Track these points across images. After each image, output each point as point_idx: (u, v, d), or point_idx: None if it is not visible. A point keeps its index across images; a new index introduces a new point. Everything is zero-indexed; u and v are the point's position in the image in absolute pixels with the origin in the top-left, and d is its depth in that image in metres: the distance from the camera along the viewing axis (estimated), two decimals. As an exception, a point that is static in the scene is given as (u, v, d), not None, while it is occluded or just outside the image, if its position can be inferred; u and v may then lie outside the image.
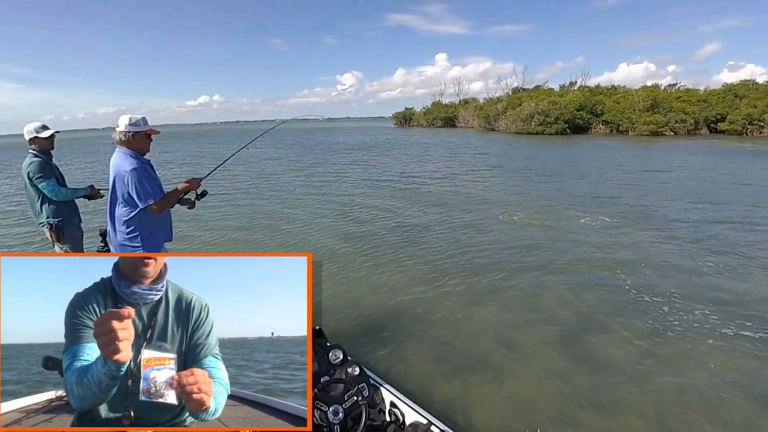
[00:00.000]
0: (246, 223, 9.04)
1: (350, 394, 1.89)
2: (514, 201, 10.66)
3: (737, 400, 3.23)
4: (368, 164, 19.46)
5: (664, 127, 35.87)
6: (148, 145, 2.87)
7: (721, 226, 7.99)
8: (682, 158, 19.70)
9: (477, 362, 3.77)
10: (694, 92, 42.21)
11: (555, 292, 5.20)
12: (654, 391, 3.36)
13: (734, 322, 4.38)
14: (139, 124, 2.76)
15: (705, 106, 37.99)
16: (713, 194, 11.05)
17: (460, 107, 61.40)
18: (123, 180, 2.69)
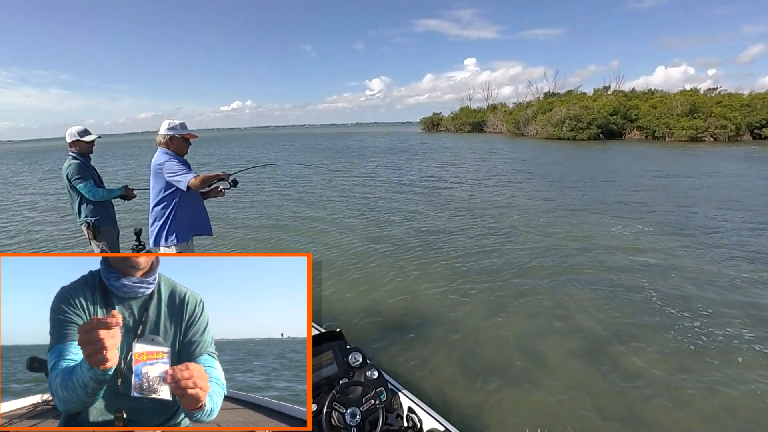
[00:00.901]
0: (274, 222, 9.23)
1: (368, 398, 1.90)
2: (543, 207, 10.46)
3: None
4: (395, 168, 19.50)
5: (704, 132, 34.34)
6: (186, 148, 3.17)
7: (760, 237, 7.60)
8: (722, 165, 18.81)
9: (498, 370, 3.72)
10: (737, 97, 40.21)
11: (582, 301, 5.07)
12: (684, 409, 3.23)
13: None
14: (176, 128, 3.06)
15: (748, 111, 36.12)
16: (753, 204, 10.51)
17: (489, 112, 60.67)
18: (159, 173, 2.98)
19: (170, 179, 2.96)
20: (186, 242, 3.16)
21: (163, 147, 3.07)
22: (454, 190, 13.42)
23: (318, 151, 33.81)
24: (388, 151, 32.03)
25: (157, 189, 3.04)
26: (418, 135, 61.55)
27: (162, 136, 3.05)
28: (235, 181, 3.37)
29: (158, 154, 3.05)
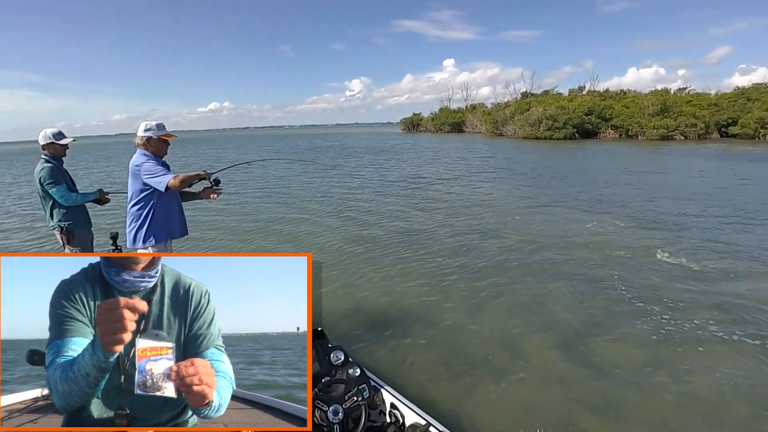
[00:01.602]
0: (253, 224, 9.15)
1: (350, 395, 1.91)
2: (520, 205, 10.66)
3: (740, 407, 3.22)
4: (376, 168, 19.55)
5: (675, 131, 35.51)
6: (165, 149, 3.14)
7: (727, 230, 7.91)
8: (692, 163, 19.49)
9: (479, 365, 3.79)
10: (705, 96, 41.74)
11: (558, 297, 5.20)
12: (657, 396, 3.35)
13: (737, 327, 4.35)
14: (153, 129, 3.04)
15: (716, 110, 37.52)
16: (720, 199, 10.94)
17: (468, 113, 61.31)
18: (137, 174, 2.96)
19: (148, 180, 2.93)
20: (164, 243, 3.13)
21: (141, 148, 3.05)
22: (434, 189, 13.54)
23: (300, 152, 33.62)
24: (369, 151, 32.07)
25: (135, 190, 3.01)
26: (399, 135, 61.77)
27: (139, 137, 3.03)
28: (216, 180, 3.33)
29: (136, 156, 3.03)
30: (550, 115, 39.08)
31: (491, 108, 56.53)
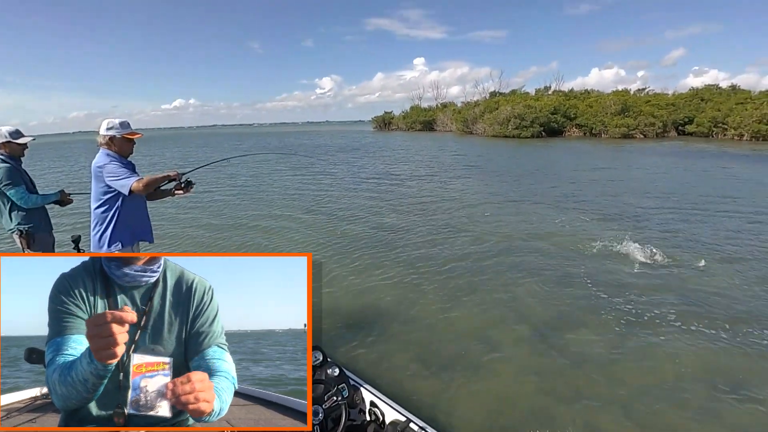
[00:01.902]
0: (226, 221, 8.97)
1: (330, 395, 1.91)
2: (491, 201, 10.89)
3: (699, 388, 3.43)
4: (349, 166, 19.50)
5: (635, 129, 37.04)
6: (130, 148, 3.00)
7: (683, 223, 8.35)
8: (651, 160, 20.42)
9: (455, 360, 3.87)
10: (663, 96, 43.74)
11: (529, 291, 5.36)
12: (623, 383, 3.52)
13: (695, 315, 4.61)
14: (117, 128, 2.89)
15: (673, 109, 39.39)
16: (677, 193, 11.51)
17: (439, 111, 61.93)
18: (100, 176, 2.82)
19: (111, 183, 2.80)
20: (130, 247, 3.02)
21: (104, 148, 2.91)
22: (406, 186, 13.64)
23: (272, 150, 33.08)
24: (341, 149, 31.94)
25: (98, 192, 2.87)
26: (371, 134, 61.76)
27: (102, 136, 2.89)
28: (188, 182, 3.20)
29: (99, 156, 2.90)
30: (518, 114, 39.97)
31: (461, 107, 57.33)
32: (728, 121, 34.78)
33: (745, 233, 7.66)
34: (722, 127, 35.40)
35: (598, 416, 3.14)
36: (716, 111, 36.43)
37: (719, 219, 8.71)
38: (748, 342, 4.08)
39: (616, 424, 3.05)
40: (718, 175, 15.14)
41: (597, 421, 3.08)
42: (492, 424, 3.07)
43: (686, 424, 3.05)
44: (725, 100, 38.04)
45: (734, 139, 33.80)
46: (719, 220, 8.59)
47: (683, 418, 3.11)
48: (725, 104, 36.81)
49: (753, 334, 4.21)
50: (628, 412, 3.17)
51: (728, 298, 5.01)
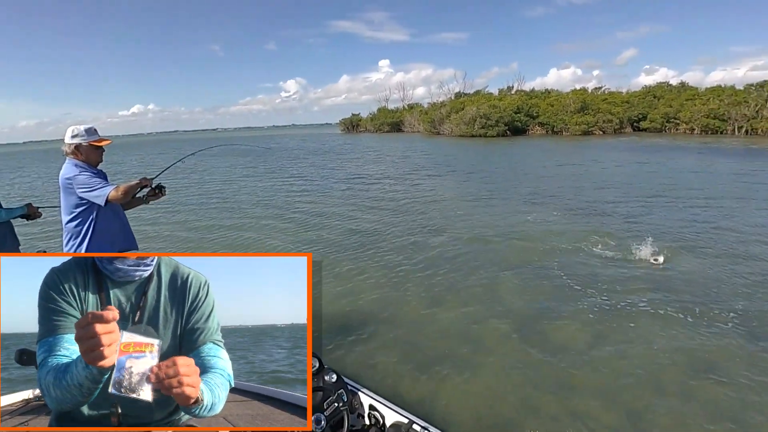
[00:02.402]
0: (195, 232, 8.74)
1: (330, 401, 1.90)
2: (463, 200, 11.08)
3: (671, 371, 3.62)
4: (320, 169, 19.35)
5: (594, 126, 38.59)
6: (98, 156, 2.82)
7: (646, 215, 8.78)
8: (610, 155, 21.31)
9: (443, 359, 3.92)
10: (618, 94, 45.73)
11: (508, 285, 5.49)
12: (604, 370, 3.66)
13: (663, 301, 4.85)
14: (82, 135, 2.73)
15: (628, 106, 41.26)
16: (637, 186, 12.08)
17: (406, 112, 62.43)
18: (70, 188, 2.67)
19: (85, 195, 2.65)
20: None
21: (70, 158, 2.74)
22: (378, 188, 13.69)
23: (238, 155, 32.38)
24: (311, 152, 31.67)
25: (69, 205, 2.71)
26: (339, 136, 61.52)
27: (67, 145, 2.71)
28: (160, 187, 3.09)
29: (66, 167, 2.72)
30: (483, 114, 40.83)
31: (428, 108, 58.01)
32: (680, 117, 36.77)
33: (702, 221, 8.12)
34: (674, 123, 37.39)
35: (584, 404, 3.25)
36: (668, 107, 38.45)
37: (678, 208, 9.21)
38: (715, 325, 4.33)
39: (601, 411, 3.16)
40: (673, 167, 15.98)
41: (583, 409, 3.19)
42: (485, 419, 3.13)
43: (665, 406, 3.20)
44: (676, 96, 40.19)
45: (686, 133, 35.75)
46: (678, 210, 9.08)
47: (662, 400, 3.26)
48: (676, 101, 38.90)
49: (718, 317, 4.47)
50: (611, 398, 3.30)
51: (692, 284, 5.30)
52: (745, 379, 3.47)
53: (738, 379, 3.47)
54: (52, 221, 9.19)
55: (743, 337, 4.09)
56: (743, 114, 32.55)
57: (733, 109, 33.13)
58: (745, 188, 11.45)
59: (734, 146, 24.09)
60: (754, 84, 35.54)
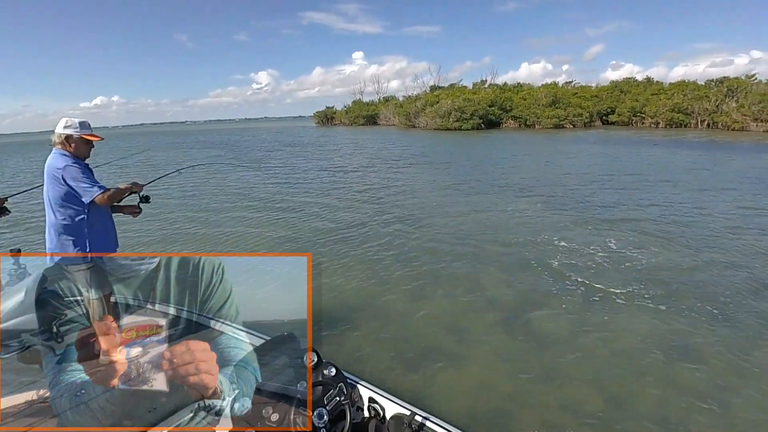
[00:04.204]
0: (175, 231, 8.48)
1: (331, 395, 1.87)
2: (442, 193, 11.15)
3: (653, 356, 3.76)
4: (296, 163, 19.09)
5: (565, 120, 39.50)
6: (87, 151, 2.76)
7: (618, 205, 9.07)
8: (581, 147, 21.89)
9: (434, 351, 3.95)
10: (588, 88, 46.98)
11: (491, 276, 5.58)
12: (587, 356, 3.77)
13: (642, 290, 5.03)
14: (75, 127, 2.67)
15: (597, 101, 42.47)
16: (611, 178, 12.45)
17: (381, 105, 62.30)
18: (58, 179, 2.56)
19: (75, 186, 2.57)
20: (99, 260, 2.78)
21: (58, 148, 2.66)
22: (357, 182, 13.61)
23: (213, 147, 31.59)
24: (286, 146, 31.17)
25: (57, 197, 2.58)
26: (314, 129, 60.83)
27: (58, 135, 2.66)
28: (146, 197, 3.01)
29: (55, 157, 2.63)
30: (458, 107, 41.17)
31: (403, 101, 58.04)
32: (645, 111, 38.09)
33: (671, 210, 8.45)
34: (641, 116, 38.72)
35: (570, 390, 3.34)
36: (635, 101, 39.76)
37: (648, 198, 9.54)
38: (689, 311, 4.53)
39: (586, 396, 3.27)
40: (641, 159, 16.55)
41: (569, 395, 3.29)
42: (478, 407, 3.18)
43: (647, 388, 3.33)
44: (642, 91, 41.59)
45: (651, 126, 37.08)
46: (648, 199, 9.41)
47: (644, 382, 3.40)
48: (642, 95, 40.27)
49: (692, 303, 4.68)
50: (595, 384, 3.41)
51: (665, 271, 5.52)
52: (721, 362, 3.65)
53: (713, 362, 3.65)
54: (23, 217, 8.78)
55: (717, 322, 4.30)
56: (705, 108, 34.00)
57: (696, 104, 34.56)
58: (709, 179, 11.98)
59: (697, 139, 25.12)
60: (714, 80, 37.17)
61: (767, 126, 29.65)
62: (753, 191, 10.28)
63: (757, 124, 30.29)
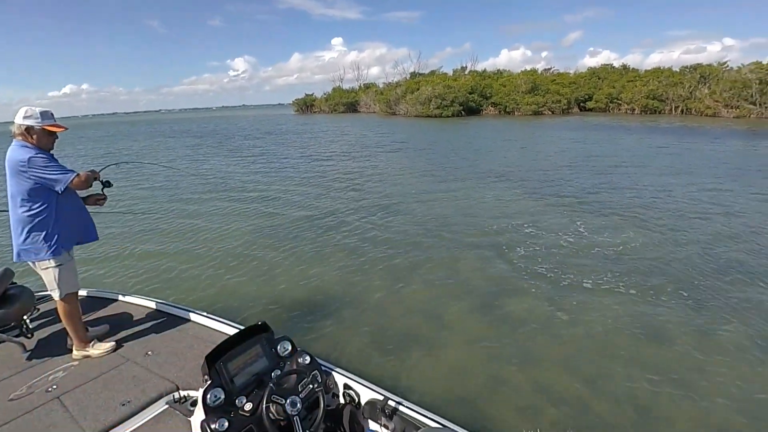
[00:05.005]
0: (150, 224, 8.25)
1: (304, 383, 1.86)
2: (422, 180, 11.14)
3: (625, 339, 3.85)
4: (276, 151, 18.77)
5: (543, 107, 39.86)
6: (50, 143, 2.57)
7: (594, 190, 9.22)
8: (559, 134, 22.15)
9: (410, 337, 3.96)
10: (566, 75, 47.39)
11: (467, 262, 5.61)
12: (559, 340, 3.84)
13: (614, 275, 5.14)
14: (36, 117, 2.48)
15: (575, 87, 42.91)
16: (587, 163, 12.64)
17: (361, 92, 61.66)
18: (23, 173, 2.42)
19: (43, 176, 2.42)
20: (68, 252, 2.64)
21: (18, 139, 2.49)
22: (338, 170, 13.48)
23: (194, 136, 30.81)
24: (265, 134, 30.65)
25: (22, 190, 2.44)
26: (293, 117, 59.96)
27: (17, 126, 2.48)
28: (108, 182, 2.85)
29: (16, 149, 2.46)
30: (438, 94, 41.06)
31: (383, 88, 57.59)
32: (622, 97, 38.71)
33: (645, 195, 8.64)
34: (617, 103, 39.34)
35: (543, 372, 3.40)
36: (611, 88, 40.34)
37: (622, 183, 9.73)
38: (657, 294, 4.65)
39: (559, 378, 3.33)
40: (618, 144, 16.85)
41: (542, 377, 3.35)
42: (454, 391, 3.21)
43: (617, 371, 3.41)
44: (618, 78, 42.20)
45: (627, 113, 37.74)
46: (618, 184, 9.60)
47: (614, 366, 3.47)
48: (618, 82, 40.86)
49: (658, 286, 4.80)
50: (568, 366, 3.48)
51: (634, 254, 5.65)
52: (687, 342, 3.77)
53: (681, 343, 3.76)
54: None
55: (684, 303, 4.43)
56: (679, 95, 34.74)
57: (671, 90, 35.26)
58: (680, 163, 12.26)
59: (669, 125, 25.68)
60: (689, 66, 37.92)
61: (737, 112, 30.51)
62: (714, 175, 10.57)
63: (728, 110, 31.16)
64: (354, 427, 2.04)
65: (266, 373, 1.91)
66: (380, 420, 1.97)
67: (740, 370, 3.36)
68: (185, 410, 2.06)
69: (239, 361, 1.86)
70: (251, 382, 1.85)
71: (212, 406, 1.65)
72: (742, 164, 12.16)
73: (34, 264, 2.56)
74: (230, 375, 1.78)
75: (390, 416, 1.93)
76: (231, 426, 1.60)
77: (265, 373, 1.90)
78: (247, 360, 1.91)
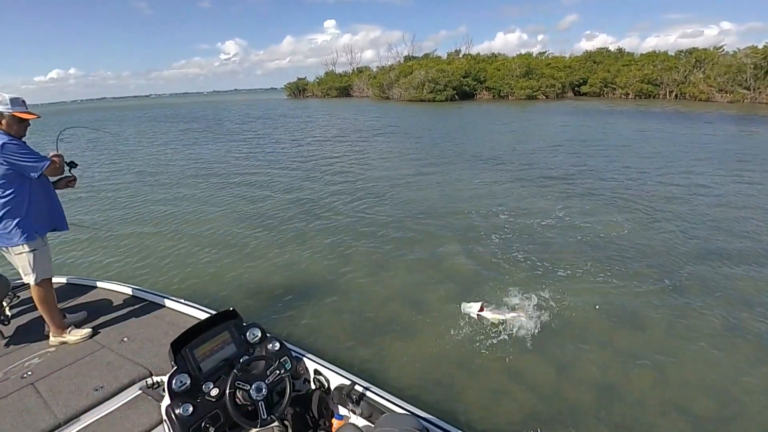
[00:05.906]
0: (133, 210, 8.08)
1: (272, 369, 1.87)
2: (411, 165, 11.04)
3: (603, 324, 3.84)
4: (267, 136, 18.52)
5: (538, 91, 39.56)
6: (22, 130, 2.52)
7: (585, 176, 9.17)
8: (553, 118, 22.02)
9: (387, 324, 3.93)
10: (560, 59, 46.97)
11: (451, 250, 5.54)
12: (537, 325, 3.77)
13: (599, 261, 5.10)
14: (5, 103, 2.42)
15: (570, 71, 42.56)
16: (578, 148, 12.57)
17: (354, 76, 60.85)
18: None
19: (17, 162, 2.37)
20: (42, 237, 2.59)
21: None
22: (325, 155, 13.33)
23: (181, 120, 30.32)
24: (257, 118, 30.24)
25: None
26: (286, 101, 59.24)
27: None
28: (73, 162, 2.80)
29: None
30: (432, 78, 40.59)
31: (376, 72, 56.82)
32: (616, 82, 38.50)
33: (635, 182, 8.60)
34: (612, 87, 39.14)
35: (514, 358, 3.38)
36: (606, 72, 40.07)
37: (613, 168, 9.68)
38: (638, 280, 4.63)
39: (533, 364, 3.31)
40: (611, 129, 16.78)
41: (514, 363, 3.32)
42: (426, 378, 3.18)
43: (590, 354, 3.40)
44: (613, 62, 41.88)
45: (621, 97, 37.59)
46: (614, 170, 9.55)
47: (587, 349, 3.46)
48: (613, 66, 40.58)
49: (639, 272, 4.79)
50: (540, 352, 3.46)
51: (622, 242, 5.62)
52: (663, 326, 3.77)
53: (656, 327, 3.75)
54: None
55: (662, 287, 4.41)
56: (674, 79, 34.57)
57: (665, 74, 35.08)
58: (674, 149, 12.22)
59: (661, 110, 25.62)
60: (684, 51, 37.71)
61: (731, 97, 30.46)
62: (705, 161, 10.55)
63: (722, 95, 31.09)
64: (323, 411, 2.08)
65: (235, 359, 1.93)
66: (348, 405, 1.99)
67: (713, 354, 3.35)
68: (158, 395, 2.08)
69: (206, 347, 1.89)
70: (219, 368, 1.89)
71: (177, 391, 1.69)
72: (733, 149, 12.14)
73: (8, 250, 2.53)
74: (197, 361, 1.82)
75: (357, 401, 1.95)
76: (196, 411, 1.65)
77: (233, 360, 1.92)
78: (215, 346, 1.93)
